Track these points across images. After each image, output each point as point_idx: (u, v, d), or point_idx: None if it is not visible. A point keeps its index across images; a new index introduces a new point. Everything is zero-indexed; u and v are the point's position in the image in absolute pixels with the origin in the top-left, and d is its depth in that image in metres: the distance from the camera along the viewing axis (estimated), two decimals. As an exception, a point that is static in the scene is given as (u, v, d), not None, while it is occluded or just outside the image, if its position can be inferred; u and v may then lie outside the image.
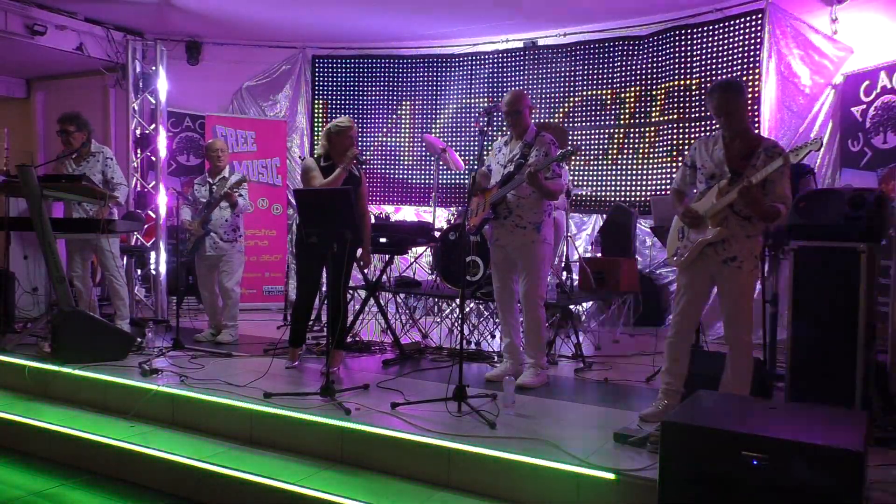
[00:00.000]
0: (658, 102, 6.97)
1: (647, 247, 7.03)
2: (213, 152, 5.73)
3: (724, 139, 3.52)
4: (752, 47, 6.26)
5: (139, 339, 5.24)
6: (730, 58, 6.45)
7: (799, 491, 2.27)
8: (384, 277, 5.78)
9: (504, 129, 7.79)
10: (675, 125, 6.81)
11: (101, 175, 5.53)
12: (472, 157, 7.57)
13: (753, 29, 6.25)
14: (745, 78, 6.28)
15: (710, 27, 6.58)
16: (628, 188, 7.12)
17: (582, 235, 7.37)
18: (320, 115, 8.46)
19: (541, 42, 7.60)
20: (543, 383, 4.44)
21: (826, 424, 2.60)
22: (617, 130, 7.24)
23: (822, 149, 6.00)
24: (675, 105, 6.81)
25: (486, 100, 7.77)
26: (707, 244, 3.48)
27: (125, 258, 6.80)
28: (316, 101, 8.50)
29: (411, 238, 5.54)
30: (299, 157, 8.21)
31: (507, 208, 4.40)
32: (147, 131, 7.55)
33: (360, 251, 4.74)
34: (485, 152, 4.87)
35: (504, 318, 4.62)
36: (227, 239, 5.67)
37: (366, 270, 5.40)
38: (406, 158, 8.33)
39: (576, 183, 7.24)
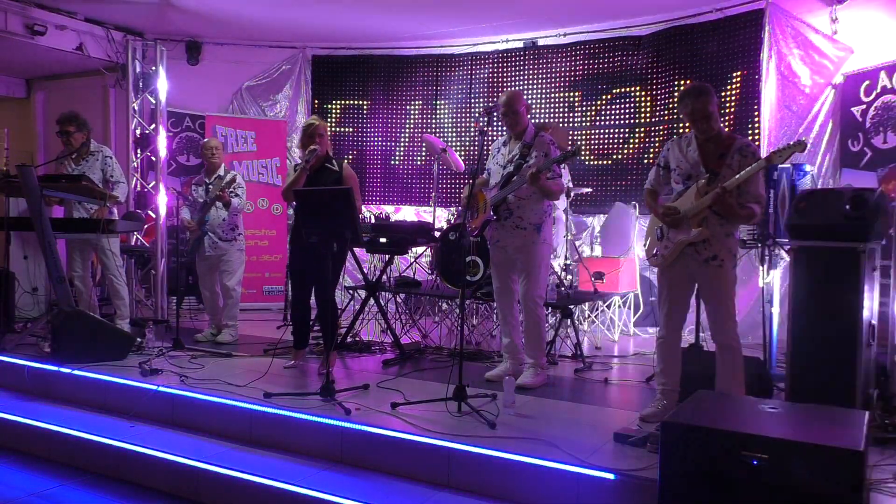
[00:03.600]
0: (658, 102, 6.97)
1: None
2: (206, 150, 5.76)
3: (697, 140, 3.54)
4: (752, 47, 6.25)
5: (139, 339, 5.24)
6: (730, 58, 6.44)
7: (799, 491, 2.27)
8: (384, 277, 5.77)
9: (504, 128, 7.80)
10: (675, 125, 6.80)
11: (101, 174, 5.54)
12: (472, 157, 7.57)
13: (753, 29, 6.24)
14: (744, 78, 6.27)
15: (710, 27, 6.58)
16: (628, 188, 7.12)
17: (582, 235, 7.36)
18: (320, 115, 8.45)
19: (541, 42, 7.59)
20: (543, 383, 4.44)
21: (826, 424, 2.60)
22: (617, 130, 7.23)
23: (823, 148, 6.01)
24: (675, 105, 6.80)
25: (486, 100, 7.77)
26: (687, 244, 3.50)
27: (125, 258, 6.80)
28: (316, 102, 8.49)
29: (411, 238, 5.53)
30: (299, 157, 8.20)
31: (508, 209, 4.40)
32: (147, 131, 7.54)
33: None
34: (485, 152, 4.87)
35: (504, 317, 4.62)
36: (225, 238, 5.67)
37: (366, 270, 5.40)
38: (406, 158, 8.32)
39: (576, 183, 7.23)
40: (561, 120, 7.40)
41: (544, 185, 4.21)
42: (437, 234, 5.93)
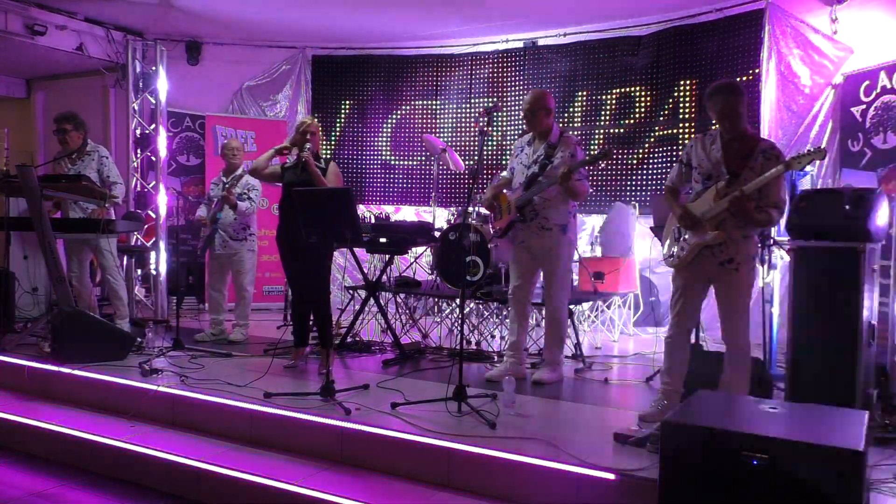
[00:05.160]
0: (658, 102, 6.96)
1: (647, 247, 7.02)
2: (227, 151, 5.85)
3: (722, 139, 3.51)
4: (752, 47, 6.25)
5: (139, 339, 5.24)
6: (730, 58, 6.44)
7: (799, 491, 2.27)
8: (384, 277, 5.78)
9: (504, 129, 7.83)
10: (674, 125, 6.80)
11: (97, 174, 5.52)
12: (472, 157, 7.57)
13: (753, 29, 6.24)
14: (745, 78, 6.27)
15: (710, 27, 6.57)
16: (628, 188, 7.12)
17: (582, 235, 7.36)
18: (320, 115, 8.45)
19: (541, 42, 7.59)
20: (559, 379, 4.52)
21: (826, 424, 2.60)
22: (617, 130, 7.23)
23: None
24: (675, 105, 6.81)
25: (486, 100, 7.77)
26: (704, 246, 3.48)
27: (125, 258, 6.80)
28: (316, 102, 8.48)
29: (411, 238, 5.53)
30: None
31: (534, 210, 4.41)
32: (147, 131, 7.55)
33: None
34: (485, 152, 4.87)
35: (515, 315, 4.62)
36: (236, 238, 5.72)
37: (366, 270, 5.40)
38: (406, 158, 8.32)
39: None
40: (561, 120, 7.40)
41: (573, 185, 4.24)
42: (437, 234, 5.93)
